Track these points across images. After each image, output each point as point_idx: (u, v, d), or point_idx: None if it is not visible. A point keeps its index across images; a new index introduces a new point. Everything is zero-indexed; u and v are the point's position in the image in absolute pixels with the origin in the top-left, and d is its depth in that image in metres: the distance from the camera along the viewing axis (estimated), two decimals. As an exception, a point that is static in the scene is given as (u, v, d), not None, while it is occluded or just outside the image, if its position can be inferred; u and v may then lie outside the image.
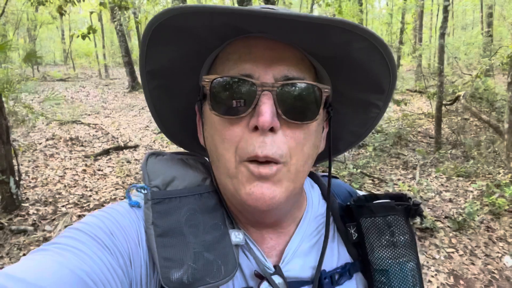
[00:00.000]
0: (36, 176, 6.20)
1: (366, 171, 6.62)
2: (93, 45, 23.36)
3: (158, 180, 0.64)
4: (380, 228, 0.70)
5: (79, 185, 5.95)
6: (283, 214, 0.67)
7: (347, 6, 13.16)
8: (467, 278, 3.96)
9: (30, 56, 8.01)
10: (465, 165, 6.86)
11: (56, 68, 21.13)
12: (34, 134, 8.57)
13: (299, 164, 0.60)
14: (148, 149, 8.29)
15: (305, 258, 0.67)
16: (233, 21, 0.54)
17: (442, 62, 8.25)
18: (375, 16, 28.29)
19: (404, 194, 0.74)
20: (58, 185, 5.85)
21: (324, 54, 0.60)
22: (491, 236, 4.71)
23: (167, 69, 0.66)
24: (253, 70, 0.58)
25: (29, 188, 5.68)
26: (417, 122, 10.41)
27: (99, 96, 13.88)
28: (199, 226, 0.61)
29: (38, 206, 5.07)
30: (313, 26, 0.51)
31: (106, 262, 0.52)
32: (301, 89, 0.58)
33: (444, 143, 8.67)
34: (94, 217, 0.58)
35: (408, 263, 0.68)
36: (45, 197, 5.37)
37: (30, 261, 0.48)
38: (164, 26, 0.56)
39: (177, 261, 0.56)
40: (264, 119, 0.54)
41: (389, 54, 0.57)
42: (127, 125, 10.34)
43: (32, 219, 4.70)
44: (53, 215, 4.84)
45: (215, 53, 0.65)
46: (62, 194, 5.53)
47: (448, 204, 5.48)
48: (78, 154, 7.59)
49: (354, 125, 0.77)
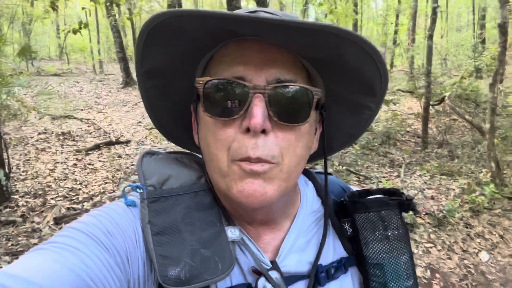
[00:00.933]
0: (27, 169, 6.27)
1: (352, 168, 6.75)
2: (88, 40, 23.25)
3: (153, 179, 0.65)
4: (374, 223, 0.71)
5: (69, 179, 6.02)
6: (275, 211, 0.68)
7: (341, 6, 13.24)
8: (443, 272, 4.09)
9: (25, 51, 8.05)
10: (449, 164, 7.01)
11: (50, 63, 21.02)
12: (26, 128, 8.59)
13: (292, 164, 0.61)
14: (140, 144, 8.36)
15: (301, 254, 0.69)
16: (226, 25, 0.55)
17: (430, 63, 8.38)
18: (370, 17, 28.45)
19: (397, 189, 0.75)
20: (48, 178, 5.93)
21: (315, 57, 0.61)
22: (469, 233, 4.84)
23: (163, 69, 0.66)
24: (246, 73, 0.59)
25: (19, 180, 5.75)
26: (406, 122, 10.56)
27: (93, 91, 13.88)
28: (195, 223, 0.62)
29: (28, 198, 5.15)
30: (304, 31, 0.52)
31: (104, 261, 0.52)
32: (292, 92, 0.59)
33: (431, 143, 8.82)
34: (91, 217, 0.59)
35: (402, 257, 0.70)
36: (35, 189, 5.45)
37: (29, 260, 0.49)
38: (159, 28, 0.57)
39: (174, 259, 0.57)
40: (255, 121, 0.55)
41: (379, 58, 0.58)
42: (119, 121, 10.38)
43: (21, 210, 4.78)
44: (42, 207, 4.92)
45: (209, 54, 0.65)
46: (52, 187, 5.61)
47: (430, 201, 5.61)
48: (69, 148, 7.64)
49: (347, 126, 0.78)
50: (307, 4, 11.94)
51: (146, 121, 10.31)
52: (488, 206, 5.37)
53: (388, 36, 19.03)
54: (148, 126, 9.81)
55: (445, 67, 13.97)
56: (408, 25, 19.32)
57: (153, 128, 9.59)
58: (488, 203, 5.39)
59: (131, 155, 7.57)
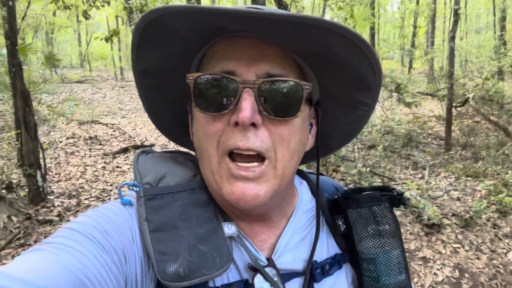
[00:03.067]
0: (59, 171, 6.53)
1: (375, 170, 6.77)
2: (109, 48, 23.80)
3: (149, 177, 0.64)
4: (366, 218, 0.73)
5: (100, 180, 6.25)
6: (270, 209, 0.68)
7: (359, 9, 13.26)
8: (472, 271, 4.08)
9: (50, 59, 8.32)
10: (474, 166, 6.95)
11: (73, 71, 21.64)
12: (54, 133, 8.92)
13: (285, 159, 0.61)
14: (164, 147, 8.56)
15: (296, 251, 0.69)
16: (215, 21, 0.56)
17: (452, 65, 8.35)
18: (387, 20, 28.30)
19: (388, 186, 0.77)
20: (80, 180, 6.18)
21: (306, 52, 0.62)
22: (497, 233, 4.80)
23: (158, 69, 0.67)
24: (236, 68, 0.59)
25: (53, 182, 6.01)
26: (428, 124, 10.49)
27: (116, 97, 14.26)
28: (192, 219, 0.61)
29: (63, 198, 5.38)
30: (291, 25, 0.52)
31: (101, 260, 0.52)
32: (282, 86, 0.59)
33: (454, 145, 8.74)
34: (87, 217, 0.58)
35: (393, 251, 0.72)
36: (69, 190, 5.69)
37: (26, 261, 0.48)
38: (151, 27, 0.58)
39: (172, 255, 0.56)
40: (244, 115, 0.55)
41: (369, 50, 0.57)
42: (143, 125, 10.64)
43: (57, 210, 5.00)
44: (77, 207, 5.13)
45: (202, 51, 0.66)
46: (85, 188, 5.84)
47: (456, 202, 5.58)
48: (97, 152, 7.91)
49: (344, 123, 0.77)
50: (326, 7, 12.00)
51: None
52: (516, 207, 5.31)
53: (406, 38, 18.91)
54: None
55: (467, 69, 13.81)
56: (427, 27, 19.19)
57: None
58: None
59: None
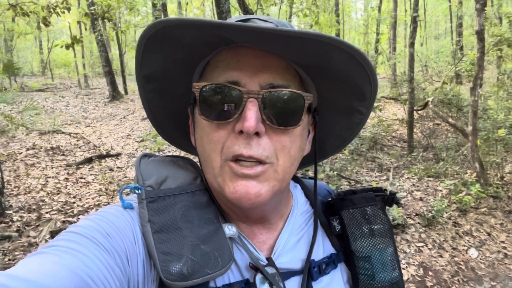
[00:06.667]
0: (18, 184, 6.22)
1: (343, 173, 6.90)
2: (72, 55, 23.11)
3: (151, 180, 0.66)
4: (360, 218, 0.76)
5: (62, 193, 6.00)
6: (270, 210, 0.71)
7: (324, 17, 13.56)
8: (435, 269, 4.22)
9: (8, 68, 7.98)
10: (435, 166, 7.22)
11: (34, 79, 20.79)
12: (13, 144, 8.50)
13: (286, 165, 0.64)
14: (131, 157, 8.37)
15: (293, 251, 0.72)
16: (220, 33, 0.58)
17: (412, 70, 8.65)
18: (351, 26, 29.10)
19: (380, 187, 0.80)
20: (41, 193, 5.90)
21: (307, 64, 0.64)
22: (458, 231, 5.00)
23: (161, 74, 0.69)
24: (240, 78, 0.61)
25: (12, 196, 5.71)
26: (392, 128, 10.82)
27: (79, 105, 13.81)
28: (193, 221, 0.63)
29: (22, 213, 5.11)
30: (294, 39, 0.55)
31: (104, 261, 0.53)
32: (285, 97, 0.61)
33: (417, 147, 9.06)
34: (89, 220, 0.60)
35: (387, 249, 0.75)
36: (29, 204, 5.42)
37: (30, 263, 0.49)
38: (157, 35, 0.60)
39: (175, 254, 0.58)
40: (248, 124, 0.57)
41: (367, 63, 0.60)
42: (108, 134, 10.35)
43: (16, 225, 4.75)
44: (37, 221, 4.89)
45: (206, 60, 0.68)
46: (46, 201, 5.58)
47: (419, 202, 5.77)
48: (59, 163, 7.60)
49: (340, 130, 0.81)
50: (292, 15, 12.19)
51: (136, 134, 10.32)
52: (475, 205, 5.56)
53: (370, 45, 19.50)
54: (138, 138, 9.82)
55: (426, 74, 14.40)
56: (389, 34, 19.89)
57: (143, 140, 9.61)
58: (475, 202, 5.58)
59: (122, 168, 7.57)
